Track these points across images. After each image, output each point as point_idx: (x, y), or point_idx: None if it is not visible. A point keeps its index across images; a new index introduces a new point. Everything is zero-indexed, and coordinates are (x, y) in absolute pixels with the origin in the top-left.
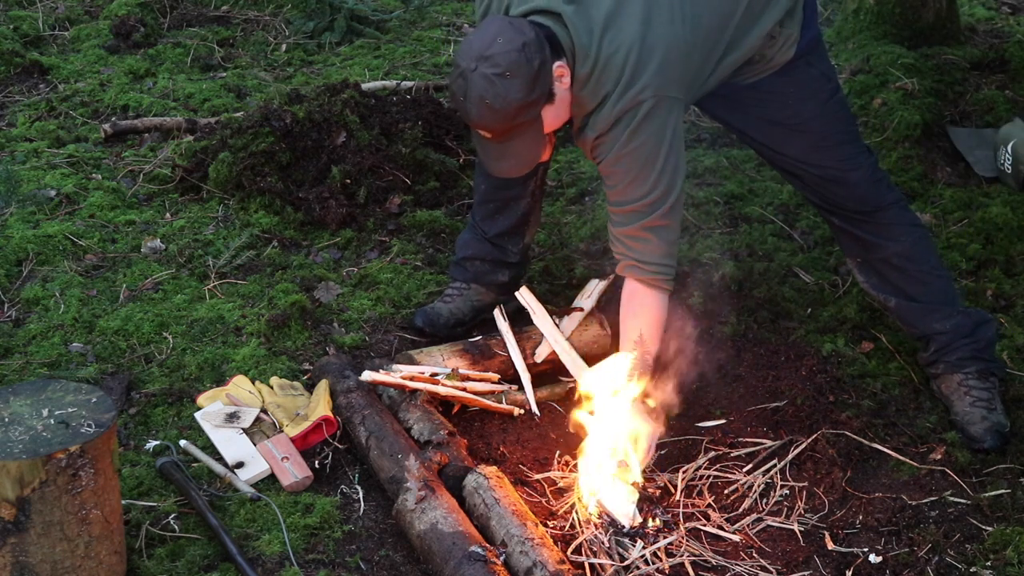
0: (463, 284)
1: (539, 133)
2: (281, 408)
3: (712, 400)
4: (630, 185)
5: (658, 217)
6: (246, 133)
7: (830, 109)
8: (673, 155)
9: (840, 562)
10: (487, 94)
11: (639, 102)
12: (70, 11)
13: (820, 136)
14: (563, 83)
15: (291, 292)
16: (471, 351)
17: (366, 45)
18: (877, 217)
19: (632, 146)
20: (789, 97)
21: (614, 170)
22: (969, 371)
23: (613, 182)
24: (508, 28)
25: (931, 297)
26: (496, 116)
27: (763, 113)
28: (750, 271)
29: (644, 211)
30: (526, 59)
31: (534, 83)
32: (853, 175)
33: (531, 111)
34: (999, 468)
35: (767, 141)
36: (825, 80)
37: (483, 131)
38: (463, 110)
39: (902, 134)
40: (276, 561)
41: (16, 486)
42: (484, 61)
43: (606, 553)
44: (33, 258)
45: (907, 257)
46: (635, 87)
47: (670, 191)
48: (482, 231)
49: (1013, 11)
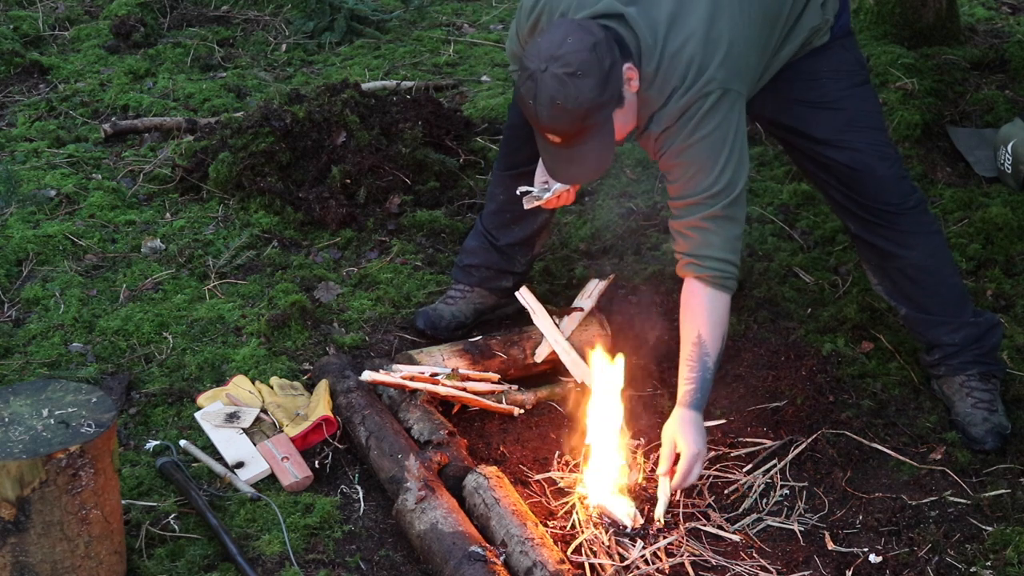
0: (466, 287)
1: (610, 138)
2: (281, 408)
3: (712, 400)
4: (694, 177)
5: (720, 208)
6: (246, 133)
7: (863, 92)
8: (737, 148)
9: (840, 562)
10: (558, 94)
11: (705, 95)
12: (70, 11)
13: (850, 116)
14: (632, 86)
15: (291, 292)
16: (471, 351)
17: (366, 45)
18: (897, 222)
19: (696, 137)
20: (822, 75)
21: (677, 162)
22: (971, 373)
23: (676, 175)
24: (577, 29)
25: (942, 309)
26: (568, 117)
27: (792, 93)
28: (750, 271)
29: (707, 203)
30: (597, 58)
31: (606, 83)
32: (882, 166)
33: (603, 112)
34: (999, 468)
35: (792, 122)
36: (858, 64)
37: (553, 135)
38: (533, 113)
39: (902, 134)
40: (276, 561)
41: (16, 486)
42: (555, 61)
43: (606, 553)
44: (33, 258)
45: (922, 268)
46: (701, 80)
47: (734, 183)
48: (492, 239)
49: (1013, 11)
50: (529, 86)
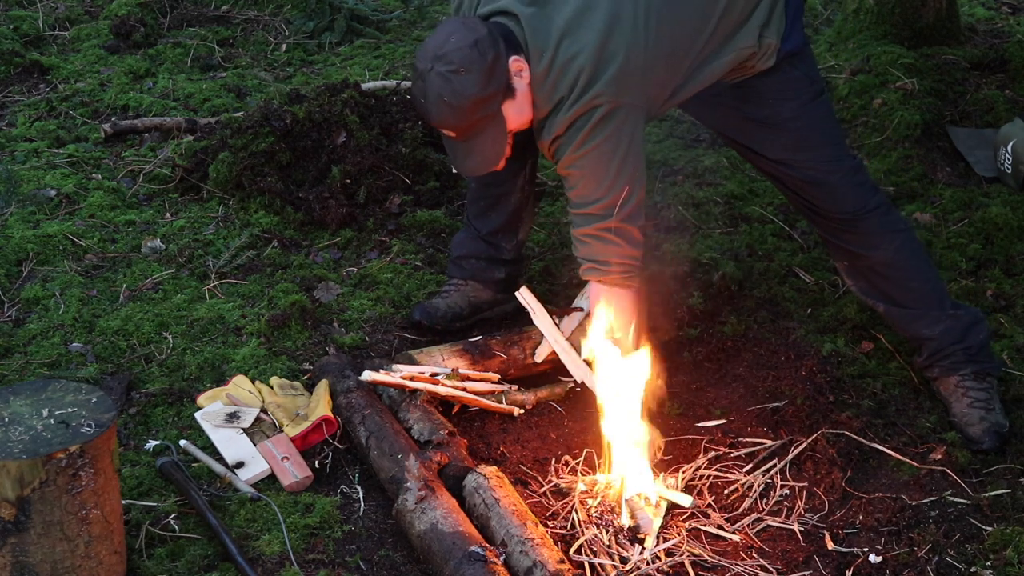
0: (460, 280)
1: (501, 130)
2: (281, 408)
3: (712, 400)
4: (585, 188)
5: (616, 220)
6: (246, 133)
7: (811, 110)
8: (631, 160)
9: (840, 562)
10: (444, 91)
11: (593, 107)
12: (70, 11)
13: (800, 136)
14: (523, 77)
15: (291, 292)
16: (471, 351)
17: (366, 45)
18: (858, 226)
19: (585, 149)
20: (768, 96)
21: (570, 171)
22: (965, 373)
23: (571, 183)
24: (461, 27)
25: (917, 303)
26: (455, 113)
27: (742, 112)
28: (750, 271)
29: (601, 214)
30: (479, 53)
31: (489, 77)
32: (833, 177)
33: (489, 105)
34: (999, 468)
35: (746, 141)
36: (808, 82)
37: (446, 130)
38: (424, 112)
39: (902, 134)
40: (276, 561)
41: (16, 486)
42: (439, 60)
43: (606, 553)
44: (33, 258)
45: (890, 264)
46: (589, 93)
47: (629, 196)
48: (476, 229)
49: (1013, 11)
50: (419, 86)
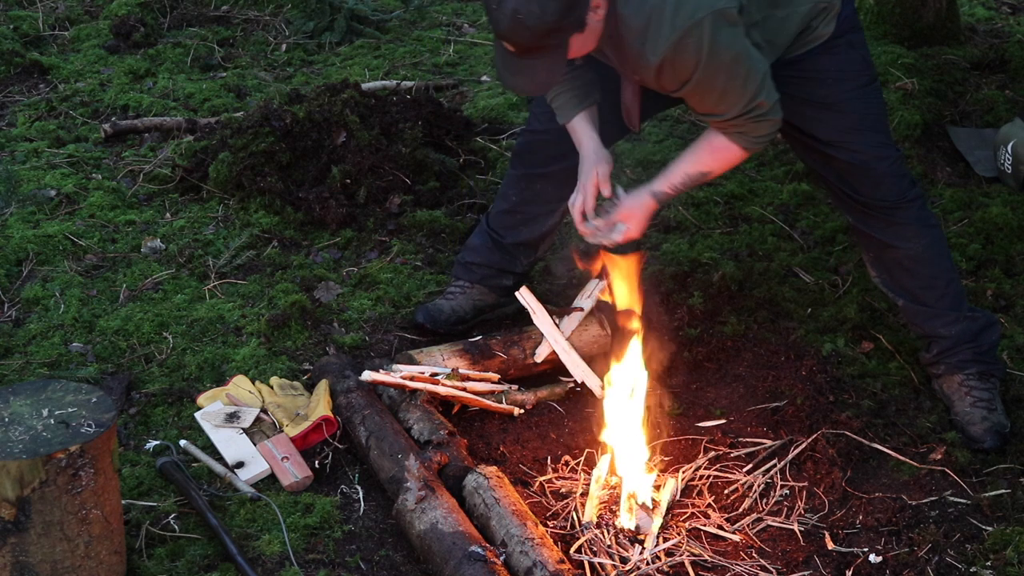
0: (466, 283)
1: (562, 58)
2: (281, 408)
3: (712, 400)
4: (717, 104)
5: (754, 116)
6: (246, 133)
7: (867, 94)
8: (744, 60)
9: (840, 562)
10: (521, 8)
11: (697, 23)
12: (70, 11)
13: (855, 118)
14: (597, 14)
15: (291, 292)
16: (471, 351)
17: (366, 45)
18: (895, 215)
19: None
20: (828, 76)
21: (693, 92)
22: (970, 372)
23: (695, 103)
24: None
25: (938, 301)
26: (525, 32)
27: (798, 92)
28: (750, 271)
29: (741, 116)
30: None
31: (571, 8)
32: (881, 165)
33: (561, 35)
34: (999, 468)
35: (800, 123)
36: (865, 64)
37: (509, 44)
38: (493, 18)
39: (902, 134)
40: (276, 561)
41: (16, 486)
42: None
43: (606, 553)
44: (33, 258)
45: (918, 260)
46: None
47: (758, 91)
48: (498, 236)
49: (1013, 11)
50: None
